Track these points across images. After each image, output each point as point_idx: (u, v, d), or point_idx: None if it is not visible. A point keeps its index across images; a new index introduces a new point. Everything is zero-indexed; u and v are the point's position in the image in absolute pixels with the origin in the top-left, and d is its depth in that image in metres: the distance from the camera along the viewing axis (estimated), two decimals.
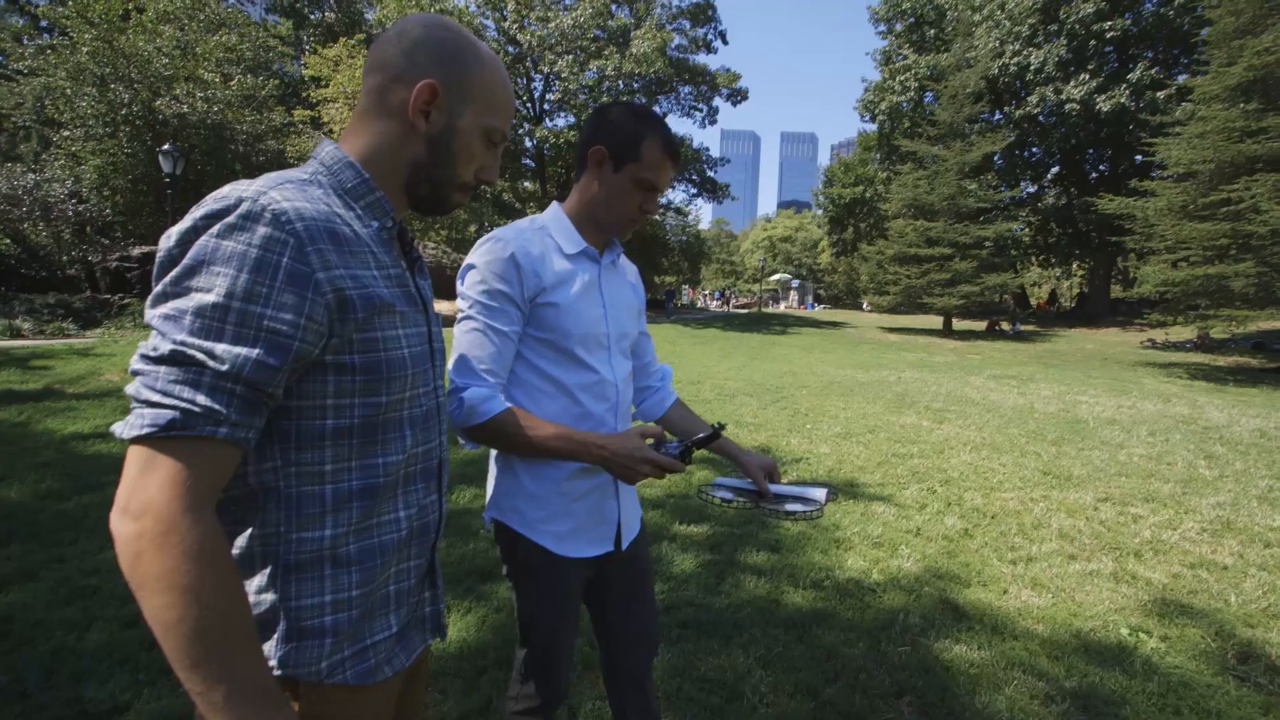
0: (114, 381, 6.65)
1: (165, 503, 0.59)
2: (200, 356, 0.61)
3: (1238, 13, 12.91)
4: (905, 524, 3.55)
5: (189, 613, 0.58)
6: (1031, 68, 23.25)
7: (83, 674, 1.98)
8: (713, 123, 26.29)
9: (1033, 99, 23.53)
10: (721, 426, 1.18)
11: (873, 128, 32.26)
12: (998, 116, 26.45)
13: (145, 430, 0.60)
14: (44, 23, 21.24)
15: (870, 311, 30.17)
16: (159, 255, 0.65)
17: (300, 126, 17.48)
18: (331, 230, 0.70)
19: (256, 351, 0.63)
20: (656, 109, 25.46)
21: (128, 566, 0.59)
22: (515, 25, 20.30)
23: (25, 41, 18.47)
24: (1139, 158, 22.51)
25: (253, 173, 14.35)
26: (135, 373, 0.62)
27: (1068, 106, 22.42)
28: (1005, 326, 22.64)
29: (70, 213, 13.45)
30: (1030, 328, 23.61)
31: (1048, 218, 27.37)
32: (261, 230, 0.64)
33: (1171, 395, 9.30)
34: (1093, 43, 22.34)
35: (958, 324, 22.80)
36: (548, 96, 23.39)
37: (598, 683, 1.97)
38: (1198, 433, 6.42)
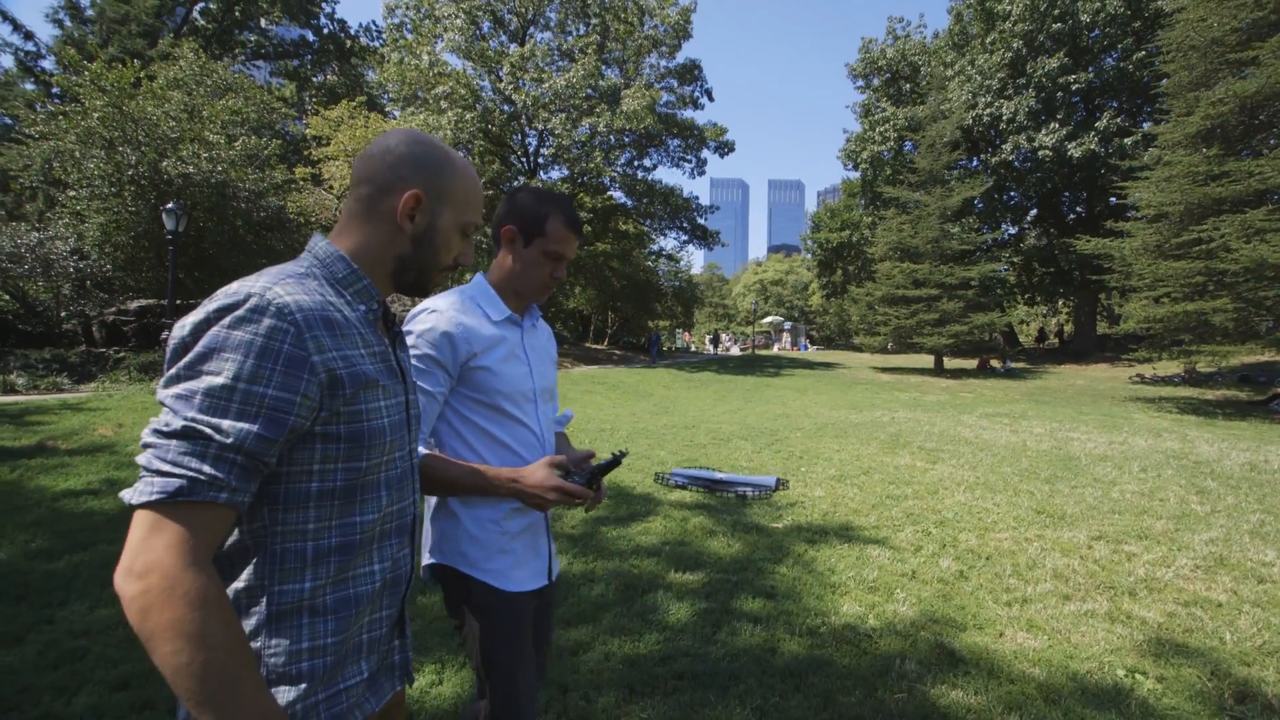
0: (107, 436, 6.63)
1: (171, 561, 0.66)
2: (208, 431, 0.69)
3: (1190, 67, 13.71)
4: (900, 567, 3.55)
5: (197, 655, 0.64)
6: (1004, 118, 24.39)
7: None
8: (701, 174, 27.17)
9: (1007, 146, 24.56)
10: (623, 454, 1.34)
11: (856, 175, 33.44)
12: (975, 163, 27.51)
13: (154, 496, 0.67)
14: (55, 90, 22.06)
15: (864, 352, 30.49)
16: (172, 342, 0.74)
17: (301, 183, 18.00)
18: (326, 317, 0.80)
19: (257, 426, 0.71)
20: (647, 160, 26.35)
21: (137, 621, 0.65)
22: (510, 86, 21.19)
23: (38, 109, 19.13)
24: (1113, 200, 23.32)
25: (253, 228, 14.72)
26: (146, 445, 0.70)
27: (1041, 153, 23.42)
28: (996, 364, 22.89)
29: (71, 269, 13.64)
30: (1021, 365, 23.88)
31: (1030, 258, 28.13)
32: (267, 322, 0.73)
33: (1162, 430, 9.38)
34: (1060, 94, 23.56)
35: (949, 363, 23.03)
36: (542, 151, 24.22)
37: None
38: (1189, 468, 6.46)
